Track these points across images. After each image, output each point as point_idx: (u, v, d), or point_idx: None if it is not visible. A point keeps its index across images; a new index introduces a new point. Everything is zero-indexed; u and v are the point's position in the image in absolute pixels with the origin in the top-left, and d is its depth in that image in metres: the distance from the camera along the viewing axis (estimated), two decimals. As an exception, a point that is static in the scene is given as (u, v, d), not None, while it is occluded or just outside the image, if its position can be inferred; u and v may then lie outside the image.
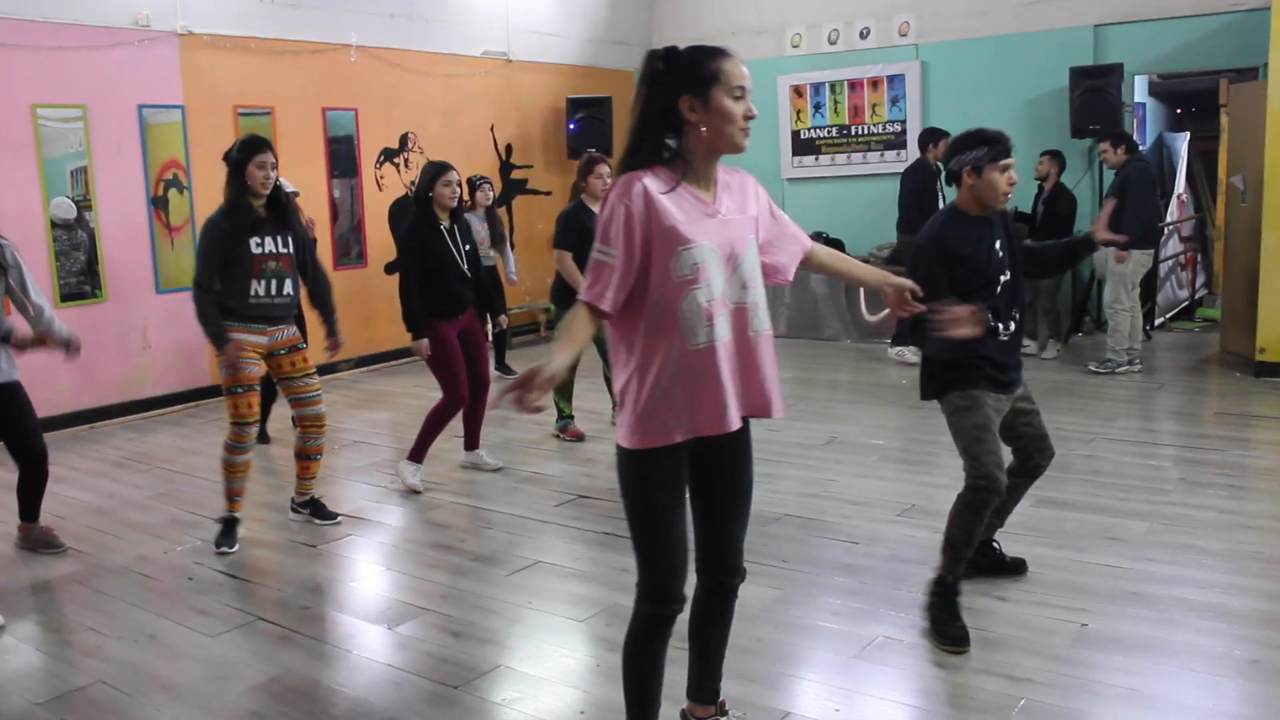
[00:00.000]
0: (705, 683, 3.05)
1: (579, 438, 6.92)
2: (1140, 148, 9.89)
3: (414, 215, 5.79)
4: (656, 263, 2.54)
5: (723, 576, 2.87)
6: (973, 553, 3.86)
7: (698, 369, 2.58)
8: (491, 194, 8.67)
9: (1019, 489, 4.11)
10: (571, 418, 7.02)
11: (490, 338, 7.13)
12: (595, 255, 2.54)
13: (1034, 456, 4.04)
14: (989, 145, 3.70)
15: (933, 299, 3.65)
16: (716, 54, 2.58)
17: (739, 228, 2.66)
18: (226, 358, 4.83)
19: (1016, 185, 3.84)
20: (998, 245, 3.83)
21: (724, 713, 3.09)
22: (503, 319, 6.64)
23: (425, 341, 5.70)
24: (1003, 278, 3.81)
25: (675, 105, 2.57)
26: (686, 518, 2.72)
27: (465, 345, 5.98)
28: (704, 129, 2.56)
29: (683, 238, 2.54)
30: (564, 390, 6.96)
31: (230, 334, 4.84)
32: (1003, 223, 3.91)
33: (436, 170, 5.74)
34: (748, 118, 2.58)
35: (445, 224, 5.78)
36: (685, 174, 2.60)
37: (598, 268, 2.55)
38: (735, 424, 2.65)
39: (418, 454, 5.92)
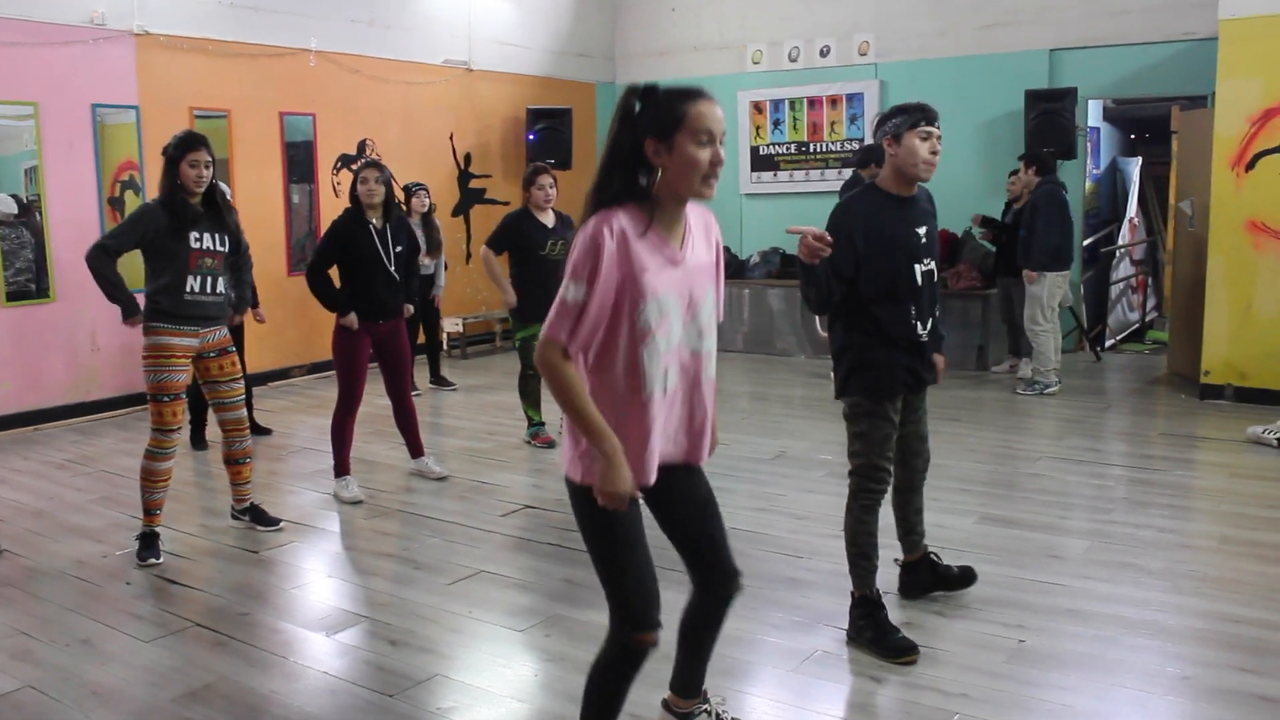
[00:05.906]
0: (692, 678, 3.08)
1: (550, 444, 6.90)
2: (1098, 169, 10.02)
3: (344, 212, 5.76)
4: (622, 309, 2.49)
5: (722, 589, 2.85)
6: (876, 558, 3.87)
7: (646, 417, 2.55)
8: (428, 200, 8.65)
9: (907, 500, 4.11)
10: (543, 424, 7.01)
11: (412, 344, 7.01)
12: (567, 292, 2.44)
13: (910, 459, 4.01)
14: (908, 114, 3.67)
15: (838, 267, 3.61)
16: (688, 96, 2.47)
17: (701, 275, 2.62)
18: (135, 324, 4.83)
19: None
20: (921, 231, 3.75)
21: (706, 700, 3.15)
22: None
23: (353, 315, 5.66)
24: (919, 266, 3.72)
25: (642, 147, 2.49)
26: (649, 547, 2.65)
27: (384, 354, 5.91)
28: (668, 173, 2.48)
29: (650, 289, 2.48)
30: (531, 398, 6.95)
31: (160, 337, 4.78)
32: (929, 210, 3.85)
33: (359, 168, 5.78)
34: (714, 164, 2.48)
35: (376, 224, 5.73)
36: (654, 214, 2.52)
37: (569, 306, 2.44)
38: (652, 478, 2.59)
39: (340, 468, 5.86)
